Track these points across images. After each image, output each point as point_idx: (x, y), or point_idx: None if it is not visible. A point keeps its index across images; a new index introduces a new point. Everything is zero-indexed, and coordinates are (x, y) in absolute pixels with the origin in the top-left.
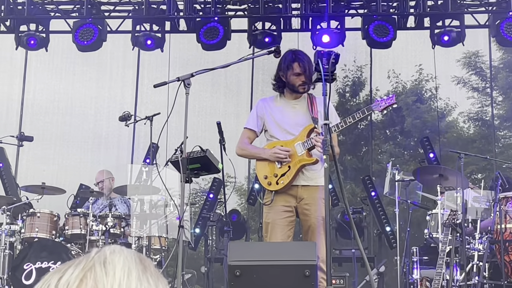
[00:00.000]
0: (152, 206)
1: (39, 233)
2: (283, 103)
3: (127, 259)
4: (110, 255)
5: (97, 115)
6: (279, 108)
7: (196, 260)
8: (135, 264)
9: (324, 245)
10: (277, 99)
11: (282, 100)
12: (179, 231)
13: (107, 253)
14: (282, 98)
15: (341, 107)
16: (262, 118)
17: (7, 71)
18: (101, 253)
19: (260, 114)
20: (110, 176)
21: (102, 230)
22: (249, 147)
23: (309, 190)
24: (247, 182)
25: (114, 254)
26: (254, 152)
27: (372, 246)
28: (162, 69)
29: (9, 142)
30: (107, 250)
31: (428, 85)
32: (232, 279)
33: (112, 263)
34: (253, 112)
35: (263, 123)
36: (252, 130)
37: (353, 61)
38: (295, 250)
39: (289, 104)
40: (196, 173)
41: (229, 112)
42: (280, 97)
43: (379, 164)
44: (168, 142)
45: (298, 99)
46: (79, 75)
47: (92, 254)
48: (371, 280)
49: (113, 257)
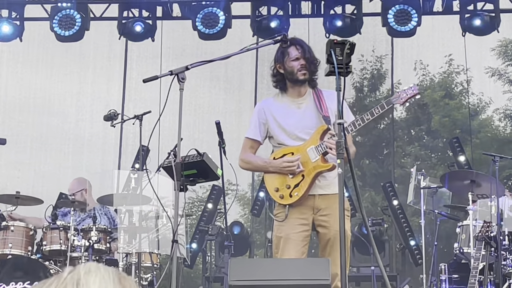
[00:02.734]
0: (142, 218)
1: (13, 249)
2: (286, 103)
3: (104, 279)
4: (85, 275)
5: (79, 114)
6: (283, 109)
7: (193, 279)
8: (113, 285)
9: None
10: (279, 98)
11: (285, 99)
12: (173, 246)
13: (81, 273)
14: (284, 97)
15: (359, 103)
16: (265, 124)
17: None
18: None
19: (262, 120)
20: (82, 187)
21: (85, 246)
22: (254, 159)
23: (328, 199)
24: (251, 190)
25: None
26: (260, 166)
27: (395, 263)
28: (153, 61)
29: None
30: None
31: (459, 78)
32: None
33: (86, 284)
34: (254, 119)
35: (266, 129)
36: (254, 140)
37: (371, 51)
38: (306, 268)
39: (293, 103)
40: (192, 180)
41: (230, 110)
42: (282, 95)
43: (402, 169)
44: (161, 145)
45: (303, 96)
46: (58, 68)
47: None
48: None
49: (87, 278)
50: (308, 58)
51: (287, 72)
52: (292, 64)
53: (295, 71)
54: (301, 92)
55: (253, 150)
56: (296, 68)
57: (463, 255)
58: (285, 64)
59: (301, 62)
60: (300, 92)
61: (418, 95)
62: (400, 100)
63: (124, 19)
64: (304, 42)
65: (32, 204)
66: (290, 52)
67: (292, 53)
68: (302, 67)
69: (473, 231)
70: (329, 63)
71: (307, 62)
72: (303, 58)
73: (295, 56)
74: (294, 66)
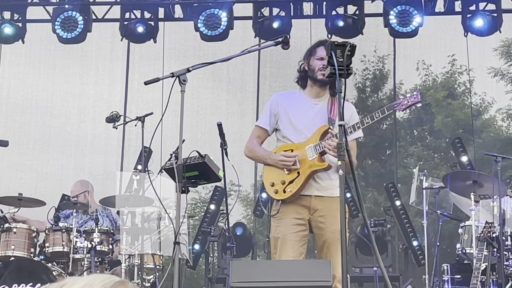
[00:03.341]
0: (145, 219)
1: (15, 251)
2: (303, 101)
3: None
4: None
5: (81, 116)
6: (297, 106)
7: (196, 280)
8: None
9: (340, 263)
10: (295, 94)
11: (302, 97)
12: (175, 248)
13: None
14: (301, 95)
15: (361, 104)
16: (276, 115)
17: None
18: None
19: (274, 111)
20: (84, 189)
21: (87, 247)
22: (257, 149)
23: (324, 201)
24: (254, 191)
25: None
26: (260, 156)
27: (397, 263)
28: (155, 62)
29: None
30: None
31: (462, 78)
32: None
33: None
34: (267, 108)
35: (276, 121)
36: (263, 129)
37: (374, 51)
38: (307, 269)
39: (309, 103)
40: (193, 182)
41: (232, 111)
42: (300, 93)
43: (405, 169)
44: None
45: (320, 98)
46: (60, 69)
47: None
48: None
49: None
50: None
51: (309, 70)
52: (315, 62)
53: (316, 69)
54: (319, 94)
55: (260, 139)
56: (317, 67)
57: (465, 256)
58: (310, 62)
59: (324, 62)
60: (318, 93)
61: (420, 103)
62: (401, 107)
63: (126, 21)
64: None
65: (35, 206)
66: (317, 51)
67: (318, 53)
68: (323, 67)
69: (476, 232)
70: (330, 65)
71: None
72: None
73: (321, 55)
74: (316, 64)
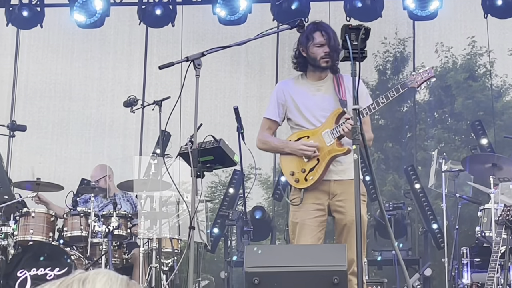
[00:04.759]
0: (163, 203)
1: (34, 235)
2: (306, 85)
3: (111, 280)
4: (93, 275)
5: (100, 99)
6: (302, 92)
7: (216, 263)
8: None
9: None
10: (299, 80)
11: (305, 82)
12: (190, 232)
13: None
14: (304, 79)
15: (382, 86)
16: (284, 104)
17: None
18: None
19: (281, 101)
20: (105, 174)
21: (105, 232)
22: (271, 139)
23: (343, 184)
24: (274, 174)
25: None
26: (277, 146)
27: (417, 246)
28: (173, 45)
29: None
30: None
31: (482, 60)
32: (251, 287)
33: (92, 282)
34: (273, 99)
35: (285, 110)
36: (272, 120)
37: (394, 33)
38: (322, 254)
39: (313, 86)
40: (208, 167)
41: (251, 95)
42: (302, 78)
43: (425, 152)
44: (182, 130)
45: (323, 79)
46: (78, 53)
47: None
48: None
49: (95, 277)
50: (333, 46)
51: (310, 58)
52: (315, 50)
53: (318, 58)
54: (322, 76)
55: (270, 131)
56: (319, 55)
57: (484, 239)
58: (309, 49)
59: (325, 49)
60: (321, 76)
61: (434, 78)
62: (416, 83)
63: (144, 4)
64: (331, 29)
65: (53, 191)
66: (315, 37)
67: (316, 39)
68: (325, 54)
69: (495, 215)
70: (344, 49)
71: (331, 50)
72: (327, 45)
73: (320, 42)
74: (318, 53)
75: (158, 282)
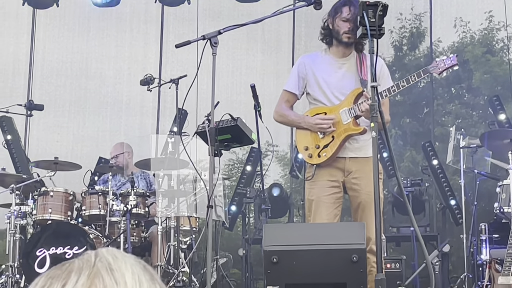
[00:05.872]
0: (180, 182)
1: (52, 214)
2: (329, 61)
3: (134, 266)
4: (115, 261)
5: (116, 78)
6: (324, 67)
7: (234, 241)
8: (143, 273)
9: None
10: (323, 55)
11: (328, 57)
12: (208, 211)
13: (110, 258)
14: (328, 55)
15: (398, 62)
16: (304, 78)
17: (12, 28)
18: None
19: (302, 74)
20: (125, 150)
21: (123, 210)
22: (288, 113)
23: (359, 162)
24: (291, 151)
25: (118, 260)
26: (293, 120)
27: (435, 223)
28: (190, 23)
29: (16, 111)
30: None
31: (500, 34)
32: (269, 266)
33: (119, 270)
34: (294, 72)
35: (305, 84)
36: (291, 93)
37: (410, 9)
38: (341, 232)
39: (336, 63)
40: (226, 145)
41: (268, 72)
42: (326, 53)
43: (442, 127)
44: (199, 108)
45: (347, 57)
46: (95, 31)
47: (92, 259)
48: (429, 266)
49: (119, 264)
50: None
51: (334, 31)
52: (340, 24)
53: (341, 32)
54: (345, 53)
55: (289, 103)
56: (342, 30)
57: (503, 215)
58: (335, 22)
59: (349, 25)
60: (345, 53)
61: (457, 66)
62: (438, 70)
63: None
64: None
65: (71, 170)
66: (343, 11)
67: (344, 13)
68: (348, 29)
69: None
70: (362, 25)
71: (355, 26)
72: (352, 21)
73: (346, 17)
74: (341, 27)
75: (176, 260)
